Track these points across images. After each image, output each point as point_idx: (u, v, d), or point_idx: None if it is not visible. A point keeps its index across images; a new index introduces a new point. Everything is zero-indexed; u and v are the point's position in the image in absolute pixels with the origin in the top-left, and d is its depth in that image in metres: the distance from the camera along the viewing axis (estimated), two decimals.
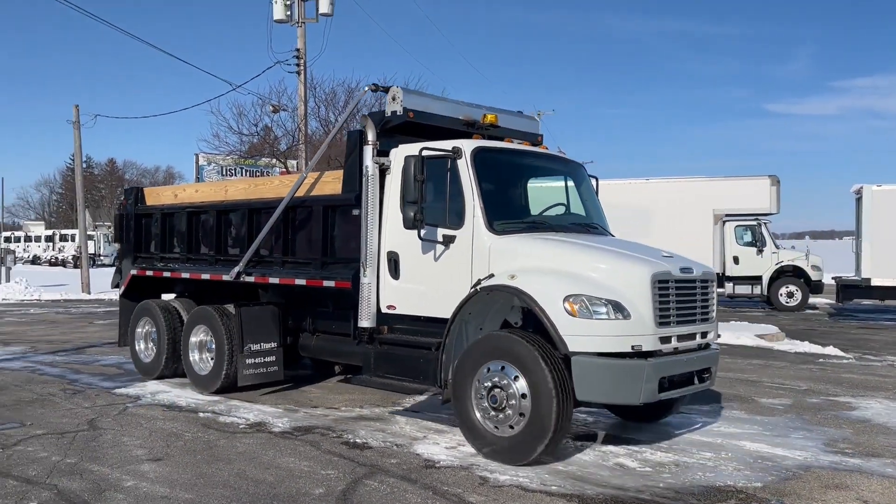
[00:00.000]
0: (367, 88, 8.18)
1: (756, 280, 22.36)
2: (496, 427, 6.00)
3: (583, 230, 7.30)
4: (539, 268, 6.19)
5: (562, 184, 7.73)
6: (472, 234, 6.52)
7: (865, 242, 19.16)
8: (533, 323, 6.20)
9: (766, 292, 22.29)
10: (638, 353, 5.83)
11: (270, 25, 20.70)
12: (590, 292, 5.83)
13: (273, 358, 8.30)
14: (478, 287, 6.31)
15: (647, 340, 5.87)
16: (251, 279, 8.44)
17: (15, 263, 30.16)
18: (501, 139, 7.56)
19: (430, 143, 6.79)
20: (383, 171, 7.10)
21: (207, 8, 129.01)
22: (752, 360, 11.91)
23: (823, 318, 20.48)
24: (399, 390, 7.53)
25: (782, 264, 22.28)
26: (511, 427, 5.89)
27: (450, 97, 8.03)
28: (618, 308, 5.79)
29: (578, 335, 5.75)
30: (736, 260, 22.47)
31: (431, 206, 6.66)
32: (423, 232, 6.60)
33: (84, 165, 37.63)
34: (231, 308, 8.49)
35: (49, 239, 59.27)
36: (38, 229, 66.52)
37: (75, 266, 42.90)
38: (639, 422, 7.33)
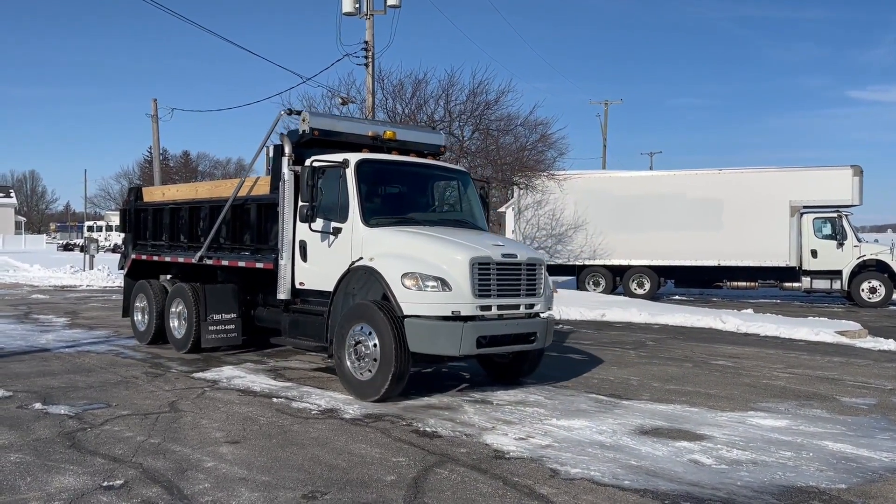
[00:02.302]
0: (282, 112, 10.15)
1: (835, 274, 21.47)
2: (361, 373, 7.70)
3: (451, 224, 8.89)
4: (391, 252, 7.86)
5: (447, 187, 9.66)
6: (353, 227, 8.21)
7: None
8: None
9: (846, 287, 21.39)
10: (458, 317, 7.44)
11: (339, 18, 20.92)
12: (422, 271, 7.49)
13: (232, 326, 10.23)
14: (350, 267, 8.04)
15: (466, 307, 7.50)
16: (210, 262, 10.43)
17: (98, 252, 31.50)
18: (391, 151, 9.26)
19: (321, 156, 8.50)
20: (298, 177, 8.59)
21: (278, 2, 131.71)
22: (832, 357, 11.46)
23: None
24: (303, 348, 9.01)
25: (865, 258, 21.32)
26: (370, 371, 7.60)
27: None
28: (444, 283, 7.45)
29: (412, 302, 7.44)
30: (814, 253, 21.65)
31: (328, 204, 8.42)
32: (314, 224, 8.39)
33: (160, 157, 38.99)
34: (199, 285, 10.34)
35: None
36: (118, 219, 69.37)
37: None
38: (503, 378, 8.85)
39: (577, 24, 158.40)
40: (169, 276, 11.58)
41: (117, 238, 61.15)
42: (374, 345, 7.57)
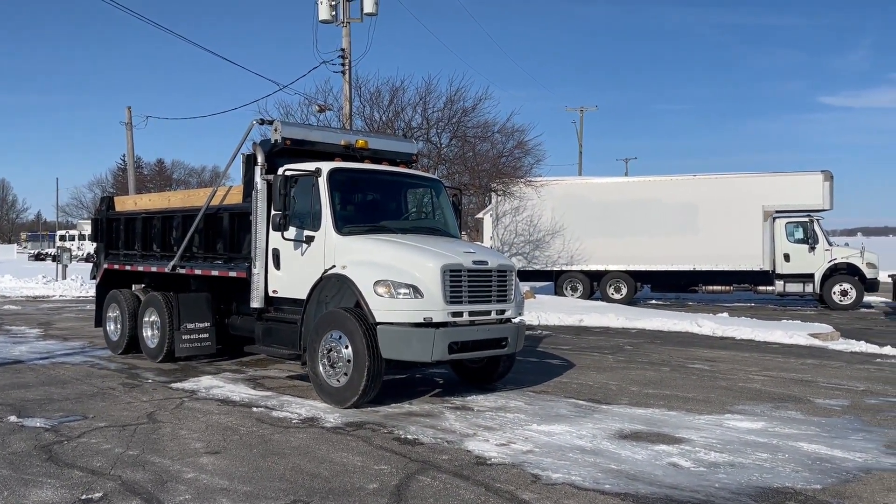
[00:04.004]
0: (254, 122, 10.04)
1: (808, 278, 21.85)
2: (336, 379, 7.75)
3: (424, 232, 8.95)
4: (363, 260, 7.91)
5: (419, 195, 9.77)
6: (325, 235, 8.26)
7: None
8: None
9: (818, 290, 21.77)
10: (430, 324, 7.50)
11: (316, 26, 20.89)
12: (394, 278, 7.54)
13: (206, 335, 10.25)
14: (323, 275, 8.07)
15: (438, 314, 7.59)
16: (183, 271, 10.40)
17: (70, 261, 31.03)
18: (363, 159, 9.40)
19: (293, 164, 8.59)
20: (271, 186, 8.66)
21: (254, 10, 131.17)
22: (805, 359, 11.65)
23: (879, 317, 19.90)
24: (277, 356, 8.98)
25: (836, 262, 21.73)
26: (346, 374, 7.65)
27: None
28: (416, 290, 7.52)
29: (384, 310, 7.49)
30: (787, 257, 22.01)
31: (300, 212, 8.48)
32: (287, 233, 8.40)
33: (135, 165, 38.55)
34: (172, 294, 10.31)
35: None
36: (91, 228, 68.38)
37: None
38: (477, 383, 9.04)
39: (554, 31, 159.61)
40: (142, 286, 11.53)
41: (90, 247, 60.32)
42: (348, 352, 7.63)
